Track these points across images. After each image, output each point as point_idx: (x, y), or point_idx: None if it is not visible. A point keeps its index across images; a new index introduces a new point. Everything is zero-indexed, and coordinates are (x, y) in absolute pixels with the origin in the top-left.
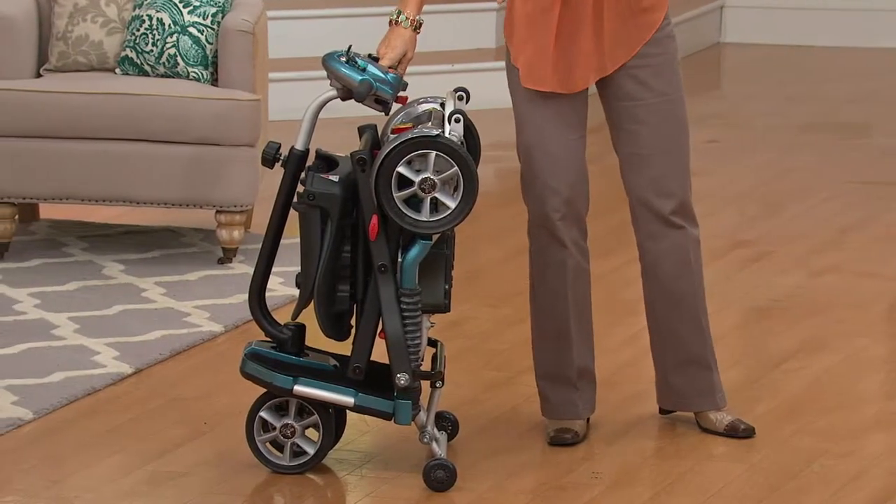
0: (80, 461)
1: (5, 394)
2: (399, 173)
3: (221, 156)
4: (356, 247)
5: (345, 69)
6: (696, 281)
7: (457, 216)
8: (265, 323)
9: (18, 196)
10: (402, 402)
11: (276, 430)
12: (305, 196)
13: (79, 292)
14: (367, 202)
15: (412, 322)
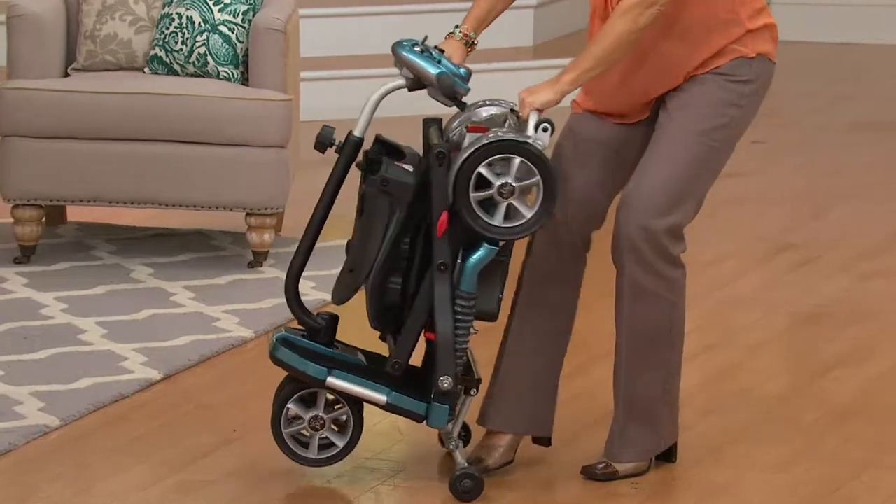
0: (107, 469)
1: (32, 400)
2: (479, 174)
3: (252, 157)
4: (415, 240)
5: (420, 60)
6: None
7: (531, 226)
8: (298, 309)
9: (45, 198)
10: (440, 405)
11: (305, 421)
12: (379, 182)
13: (106, 296)
14: (440, 197)
15: (464, 326)
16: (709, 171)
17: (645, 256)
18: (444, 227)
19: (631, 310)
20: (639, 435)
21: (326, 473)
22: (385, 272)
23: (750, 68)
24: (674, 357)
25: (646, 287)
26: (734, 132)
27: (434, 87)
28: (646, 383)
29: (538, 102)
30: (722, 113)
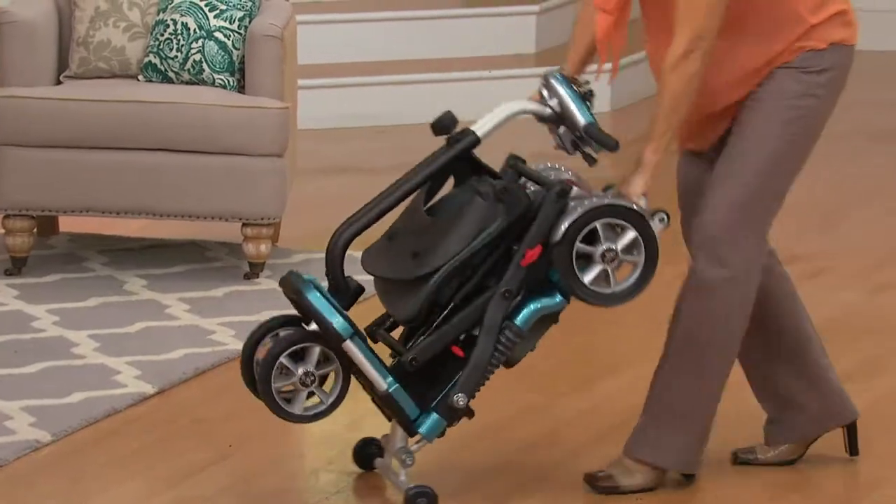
0: (100, 485)
1: (23, 415)
2: (595, 229)
3: (248, 166)
4: (490, 255)
5: (577, 102)
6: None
7: (612, 300)
8: (339, 268)
9: (37, 208)
10: (439, 419)
11: (295, 377)
12: (499, 189)
13: (99, 309)
14: (541, 230)
15: (499, 357)
16: (787, 168)
17: (710, 259)
18: (531, 260)
19: (685, 307)
20: (659, 439)
21: (325, 489)
22: (452, 273)
23: (822, 58)
24: (714, 369)
25: (706, 288)
26: (812, 123)
27: (571, 131)
28: (677, 387)
29: (638, 191)
30: (797, 105)
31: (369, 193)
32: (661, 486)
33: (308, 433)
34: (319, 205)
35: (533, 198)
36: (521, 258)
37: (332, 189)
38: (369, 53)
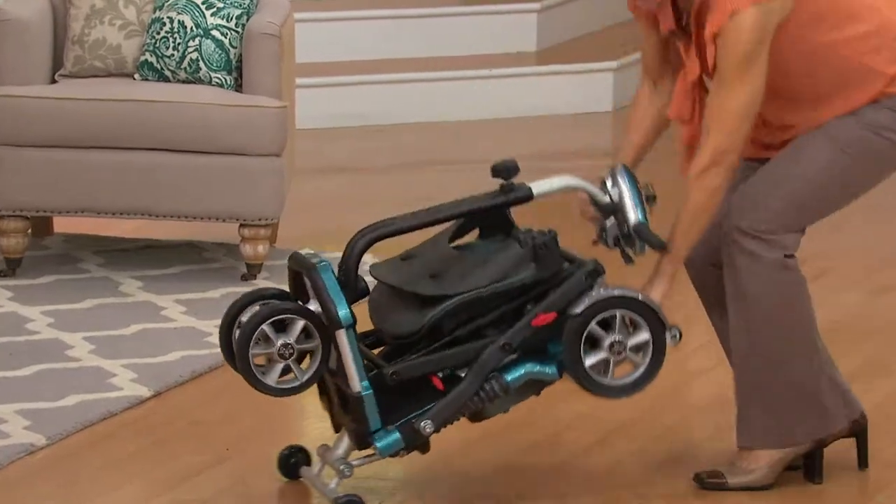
0: (95, 489)
1: (17, 418)
2: (614, 316)
3: (246, 166)
4: (504, 304)
5: (635, 199)
6: (753, 311)
7: (610, 392)
8: (355, 264)
9: (31, 209)
10: (398, 438)
11: (273, 346)
12: (540, 244)
13: (95, 311)
14: (563, 298)
15: (477, 403)
16: (850, 190)
17: (735, 256)
18: (542, 323)
19: (751, 289)
20: (758, 420)
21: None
22: (466, 305)
23: None
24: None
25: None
26: (883, 155)
27: (620, 226)
28: (753, 367)
29: (657, 299)
30: (873, 131)
31: (368, 193)
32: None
33: (305, 436)
34: (318, 205)
35: (565, 266)
36: (534, 318)
37: (330, 189)
38: (368, 52)
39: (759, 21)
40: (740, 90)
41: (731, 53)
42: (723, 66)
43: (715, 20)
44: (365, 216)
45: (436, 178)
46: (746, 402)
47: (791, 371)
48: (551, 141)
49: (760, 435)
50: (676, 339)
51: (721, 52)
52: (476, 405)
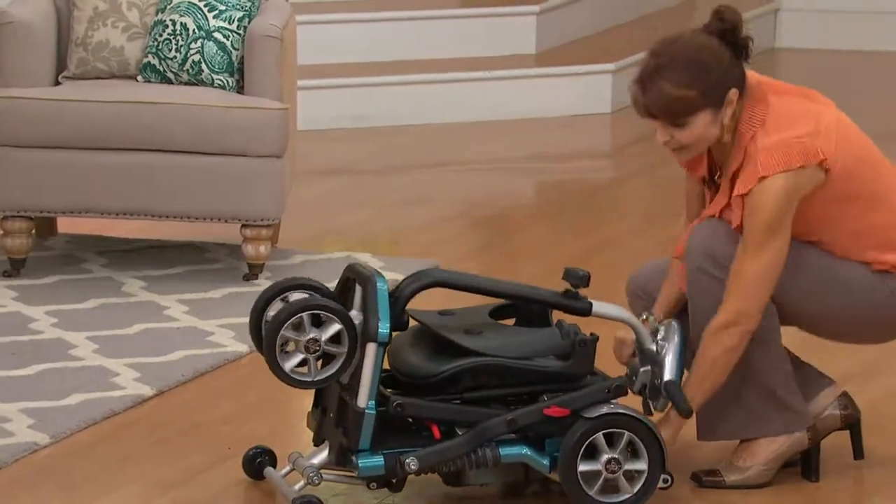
0: (98, 488)
1: (21, 417)
2: (623, 435)
3: (247, 167)
4: (523, 385)
5: (679, 359)
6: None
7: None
8: (408, 298)
9: (35, 210)
10: (381, 463)
11: (304, 337)
12: (579, 341)
13: (98, 310)
14: (582, 402)
15: (465, 462)
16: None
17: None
18: (552, 415)
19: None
20: (727, 416)
21: (321, 493)
22: (489, 368)
23: None
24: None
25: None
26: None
27: (653, 377)
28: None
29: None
30: (873, 283)
31: (369, 194)
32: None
33: (308, 436)
34: (319, 206)
35: (596, 371)
36: (548, 408)
37: (331, 190)
38: (369, 54)
39: (786, 188)
40: (762, 256)
41: (756, 218)
42: (748, 229)
43: (745, 182)
44: (365, 216)
45: (435, 180)
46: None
47: (763, 378)
48: (550, 142)
49: (727, 430)
50: (667, 483)
51: (748, 214)
52: (463, 464)
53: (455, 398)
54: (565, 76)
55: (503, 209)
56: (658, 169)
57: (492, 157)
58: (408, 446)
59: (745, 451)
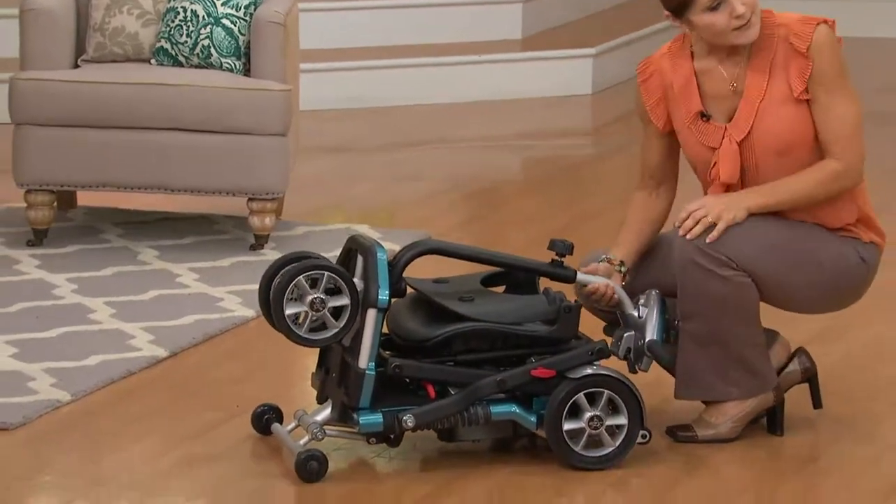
0: (116, 442)
1: (44, 376)
2: (592, 393)
3: (254, 145)
4: (512, 348)
5: (661, 322)
6: (709, 309)
7: (572, 458)
8: (405, 265)
9: (56, 184)
10: (380, 420)
11: (312, 294)
12: (565, 308)
13: (115, 278)
14: (568, 364)
15: (458, 419)
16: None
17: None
18: (539, 376)
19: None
20: (701, 379)
21: (324, 447)
22: (480, 332)
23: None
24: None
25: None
26: (836, 267)
27: (636, 340)
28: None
29: (738, 219)
30: (841, 250)
31: (366, 170)
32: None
33: (311, 394)
34: (321, 181)
35: (580, 336)
36: (535, 369)
37: (332, 166)
38: (368, 39)
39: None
40: (854, 98)
41: (833, 60)
42: (832, 76)
43: (803, 36)
44: (363, 191)
45: (428, 157)
46: (692, 362)
47: (740, 347)
48: (535, 121)
49: (700, 391)
50: (646, 438)
51: (824, 63)
52: (456, 422)
53: (449, 360)
54: (549, 60)
55: (491, 184)
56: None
57: (481, 136)
58: (405, 405)
59: (716, 409)
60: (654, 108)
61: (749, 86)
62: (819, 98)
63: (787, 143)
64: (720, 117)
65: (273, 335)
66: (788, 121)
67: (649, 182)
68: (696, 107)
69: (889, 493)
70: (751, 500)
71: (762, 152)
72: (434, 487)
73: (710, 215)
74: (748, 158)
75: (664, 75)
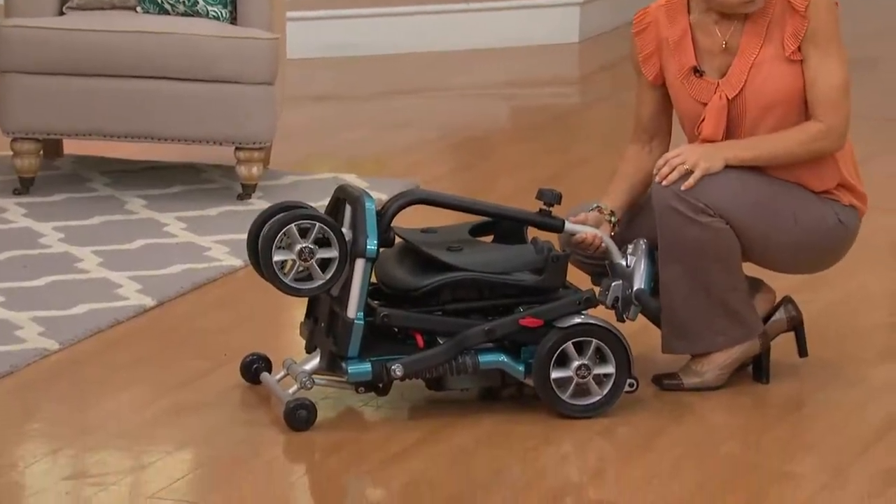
0: (105, 390)
1: (32, 325)
2: (580, 342)
3: (240, 94)
4: (500, 298)
5: (648, 271)
6: (689, 256)
7: (560, 406)
8: (392, 216)
9: (42, 132)
10: (368, 369)
11: (301, 244)
12: (552, 257)
13: (102, 227)
14: (556, 313)
15: (446, 369)
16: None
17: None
18: (527, 326)
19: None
20: (686, 330)
21: (313, 396)
22: (468, 282)
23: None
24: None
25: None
26: (811, 223)
27: (624, 288)
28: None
29: (714, 168)
30: (820, 210)
31: (354, 119)
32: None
33: (300, 344)
34: (308, 130)
35: (568, 285)
36: (523, 318)
37: (319, 115)
38: None
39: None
40: (844, 63)
41: (830, 20)
42: (826, 38)
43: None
44: (351, 140)
45: (416, 105)
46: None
47: (724, 295)
48: (522, 70)
49: (687, 344)
50: (633, 387)
51: (819, 24)
52: (444, 371)
53: (437, 310)
54: (537, 8)
55: (479, 132)
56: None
57: (468, 84)
58: (393, 354)
59: (702, 357)
60: (646, 61)
61: (744, 43)
62: (810, 57)
63: (777, 103)
64: (713, 73)
65: (261, 285)
66: (780, 80)
67: (642, 136)
68: (689, 62)
69: (874, 438)
70: (737, 447)
71: (752, 109)
72: (422, 435)
73: (686, 163)
74: (737, 116)
75: (660, 28)
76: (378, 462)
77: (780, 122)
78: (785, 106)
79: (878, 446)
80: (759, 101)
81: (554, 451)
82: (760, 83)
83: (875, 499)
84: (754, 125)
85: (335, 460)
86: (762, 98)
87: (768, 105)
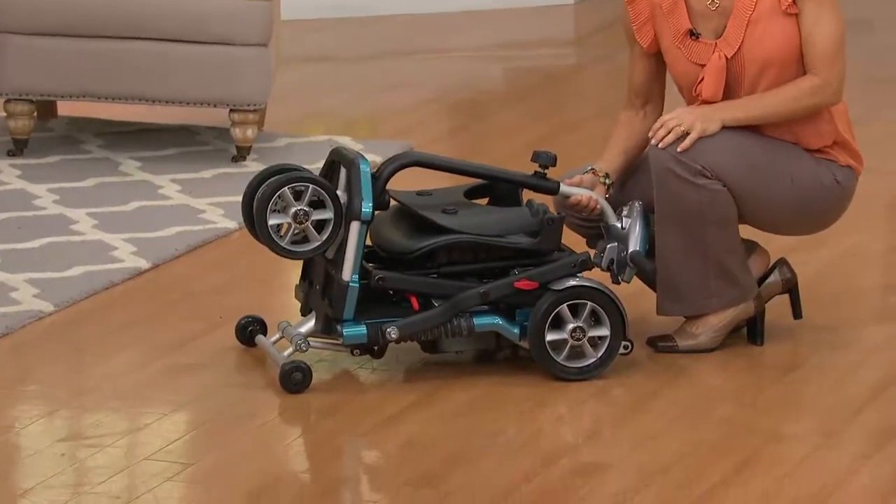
0: (100, 352)
1: (27, 287)
2: (575, 305)
3: (235, 55)
4: (496, 260)
5: (644, 233)
6: (686, 217)
7: (555, 368)
8: (387, 179)
9: (36, 93)
10: (363, 332)
11: (296, 206)
12: (547, 220)
13: (97, 188)
14: (551, 275)
15: (441, 331)
16: (752, 173)
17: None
18: (522, 288)
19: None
20: (681, 293)
21: (308, 358)
22: (462, 245)
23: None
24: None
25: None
26: (805, 188)
27: (619, 251)
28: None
29: (711, 130)
30: (816, 170)
31: (349, 81)
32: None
33: (295, 306)
34: (302, 92)
35: (563, 248)
36: (518, 281)
37: (313, 76)
38: None
39: None
40: (839, 17)
41: None
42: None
43: None
44: (346, 101)
45: (410, 67)
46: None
47: (720, 257)
48: (518, 31)
49: (682, 306)
50: (628, 349)
51: None
52: (439, 333)
53: (432, 272)
54: None
55: (474, 94)
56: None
57: (463, 46)
58: (388, 316)
59: (697, 319)
60: (640, 28)
61: (738, 1)
62: (806, 11)
63: (775, 58)
64: (708, 35)
65: (256, 247)
66: (778, 35)
67: (635, 101)
68: (684, 25)
69: (869, 399)
70: (732, 409)
71: (750, 67)
72: (417, 398)
73: (682, 125)
74: (736, 74)
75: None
76: (373, 424)
77: (779, 78)
78: (783, 62)
79: (872, 407)
80: (757, 57)
81: (549, 413)
82: (758, 39)
83: (869, 459)
84: (753, 83)
85: (331, 422)
86: (761, 53)
87: (767, 61)
